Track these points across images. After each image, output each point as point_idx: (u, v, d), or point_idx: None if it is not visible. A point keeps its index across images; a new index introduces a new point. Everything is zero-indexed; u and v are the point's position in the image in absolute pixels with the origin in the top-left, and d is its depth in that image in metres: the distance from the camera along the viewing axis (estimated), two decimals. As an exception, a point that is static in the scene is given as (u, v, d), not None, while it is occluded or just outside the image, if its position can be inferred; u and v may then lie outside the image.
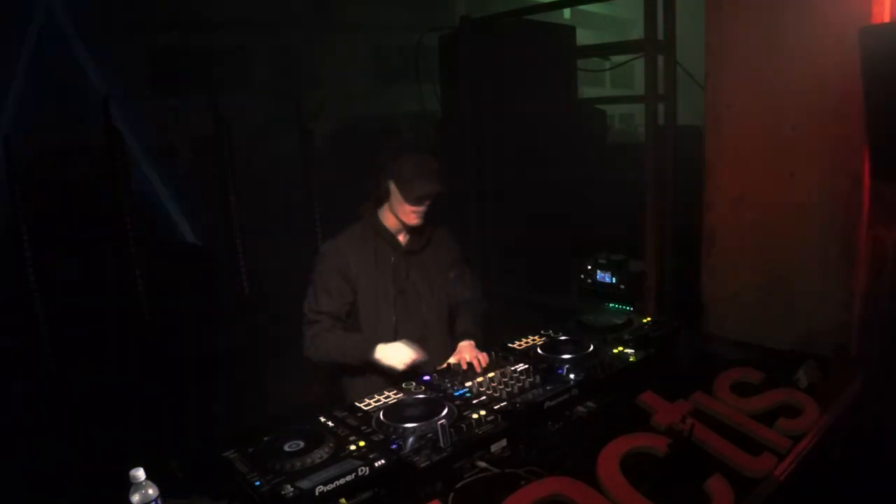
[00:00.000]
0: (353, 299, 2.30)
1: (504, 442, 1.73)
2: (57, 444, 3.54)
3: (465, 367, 2.18)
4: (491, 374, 2.05)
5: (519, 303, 4.05)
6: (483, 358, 2.19)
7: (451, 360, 2.24)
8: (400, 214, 2.29)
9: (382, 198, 2.31)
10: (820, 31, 2.43)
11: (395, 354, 2.18)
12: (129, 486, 1.36)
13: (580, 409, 1.96)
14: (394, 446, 1.63)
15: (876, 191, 2.43)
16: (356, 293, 2.30)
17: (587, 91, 4.42)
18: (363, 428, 1.76)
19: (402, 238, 2.37)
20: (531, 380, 2.00)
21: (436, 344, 2.36)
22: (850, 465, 2.24)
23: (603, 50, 3.88)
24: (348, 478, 1.50)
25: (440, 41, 4.51)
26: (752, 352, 2.43)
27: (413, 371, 2.16)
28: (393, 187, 2.26)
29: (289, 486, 1.45)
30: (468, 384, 2.01)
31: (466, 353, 2.23)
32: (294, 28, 13.59)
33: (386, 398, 1.96)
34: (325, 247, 2.36)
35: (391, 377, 2.20)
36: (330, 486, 1.47)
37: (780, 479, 1.64)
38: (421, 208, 2.27)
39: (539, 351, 2.25)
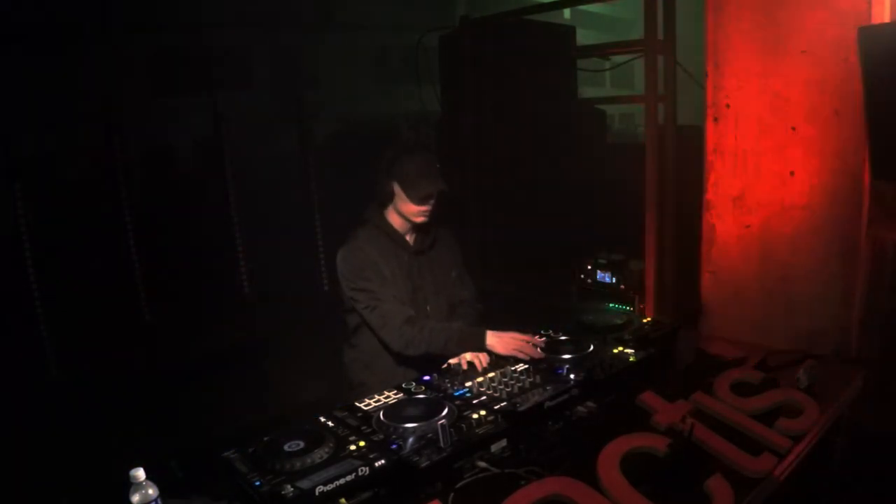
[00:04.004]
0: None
1: (504, 442, 1.73)
2: (57, 445, 3.54)
3: (465, 366, 2.18)
4: (491, 375, 2.06)
5: (519, 303, 4.05)
6: (483, 358, 2.19)
7: (452, 360, 2.24)
8: (406, 214, 2.31)
9: (386, 200, 2.32)
10: (820, 31, 2.42)
11: (509, 342, 2.19)
12: (129, 486, 1.36)
13: (580, 409, 1.96)
14: (394, 446, 1.64)
15: (876, 191, 2.43)
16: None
17: (587, 91, 4.40)
18: (363, 428, 1.76)
19: (409, 238, 2.40)
20: (531, 380, 2.00)
21: None
22: (850, 464, 2.24)
23: (603, 50, 3.87)
24: (348, 478, 1.50)
25: (440, 41, 4.50)
26: (752, 352, 2.43)
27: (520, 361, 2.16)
28: (397, 188, 2.27)
29: (289, 486, 1.45)
30: (468, 384, 2.01)
31: (467, 353, 2.22)
32: (294, 28, 13.58)
33: (386, 398, 1.96)
34: (349, 250, 2.33)
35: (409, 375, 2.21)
36: (330, 486, 1.47)
37: (780, 479, 1.64)
38: (427, 207, 2.29)
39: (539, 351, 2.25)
